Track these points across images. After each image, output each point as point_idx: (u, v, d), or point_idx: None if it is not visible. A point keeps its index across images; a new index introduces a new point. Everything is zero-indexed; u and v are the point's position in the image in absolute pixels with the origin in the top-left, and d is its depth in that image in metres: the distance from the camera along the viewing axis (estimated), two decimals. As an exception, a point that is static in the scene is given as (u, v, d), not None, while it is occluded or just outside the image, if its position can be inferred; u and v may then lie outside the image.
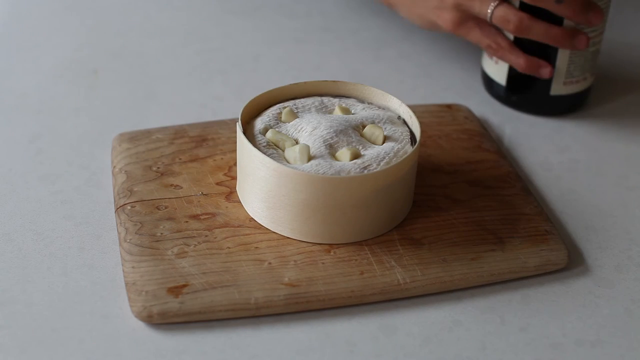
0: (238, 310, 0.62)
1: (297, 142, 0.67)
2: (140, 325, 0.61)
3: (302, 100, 0.71)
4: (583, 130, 0.82)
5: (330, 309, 0.63)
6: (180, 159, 0.73)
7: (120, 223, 0.67)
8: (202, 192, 0.70)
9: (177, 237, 0.66)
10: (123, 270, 0.64)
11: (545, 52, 0.79)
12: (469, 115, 0.81)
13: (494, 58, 0.82)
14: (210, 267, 0.63)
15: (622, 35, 0.97)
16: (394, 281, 0.64)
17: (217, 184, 0.71)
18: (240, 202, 0.69)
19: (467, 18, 0.78)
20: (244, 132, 0.67)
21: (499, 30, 0.79)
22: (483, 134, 0.79)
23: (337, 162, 0.65)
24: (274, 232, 0.67)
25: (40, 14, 0.96)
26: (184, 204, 0.69)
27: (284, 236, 0.66)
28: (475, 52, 0.93)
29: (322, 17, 0.97)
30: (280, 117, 0.70)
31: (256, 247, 0.65)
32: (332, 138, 0.67)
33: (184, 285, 0.62)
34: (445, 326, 0.63)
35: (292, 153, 0.66)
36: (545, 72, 0.78)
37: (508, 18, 0.75)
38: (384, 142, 0.68)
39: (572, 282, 0.66)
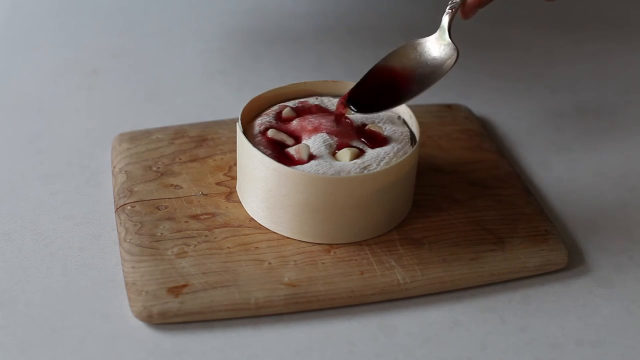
0: (238, 310, 0.62)
1: (297, 142, 0.67)
2: (140, 325, 0.61)
3: (302, 100, 0.71)
4: (583, 130, 0.82)
5: (330, 309, 0.63)
6: (180, 159, 0.73)
7: (120, 223, 0.67)
8: (202, 192, 0.70)
9: (177, 237, 0.66)
10: (123, 270, 0.64)
11: None
12: (469, 115, 0.81)
13: None
14: (210, 267, 0.63)
15: (621, 36, 0.97)
16: (394, 281, 0.64)
17: (217, 184, 0.71)
18: (240, 202, 0.69)
19: None
20: (244, 132, 0.67)
21: None
22: (483, 134, 0.79)
23: (337, 162, 0.65)
24: (274, 232, 0.66)
25: (40, 14, 0.96)
26: (184, 204, 0.69)
27: (284, 236, 0.66)
28: (475, 52, 0.93)
29: (322, 17, 0.97)
30: (281, 117, 0.70)
31: (256, 247, 0.65)
32: (332, 138, 0.67)
33: (184, 285, 0.62)
34: (445, 326, 0.63)
35: (292, 153, 0.66)
36: None
37: None
38: (384, 142, 0.68)
39: (572, 282, 0.66)
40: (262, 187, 0.65)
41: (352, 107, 0.67)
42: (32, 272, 0.65)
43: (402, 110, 0.71)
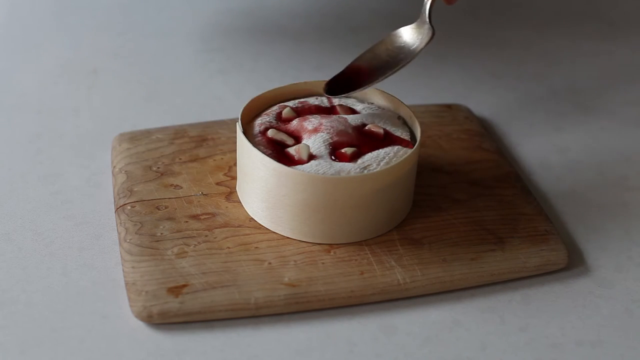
0: (238, 310, 0.62)
1: (297, 142, 0.67)
2: (140, 325, 0.61)
3: (302, 100, 0.71)
4: (583, 130, 0.82)
5: (330, 309, 0.63)
6: (180, 159, 0.73)
7: (120, 223, 0.67)
8: (202, 192, 0.70)
9: (177, 237, 0.66)
10: (123, 270, 0.64)
11: None
12: (469, 115, 0.81)
13: None
14: (210, 267, 0.63)
15: (621, 36, 0.97)
16: (394, 281, 0.64)
17: (217, 184, 0.71)
18: (240, 202, 0.69)
19: None
20: (244, 132, 0.67)
21: None
22: (483, 134, 0.79)
23: (337, 162, 0.65)
24: (274, 232, 0.67)
25: (40, 14, 0.96)
26: (184, 204, 0.69)
27: (284, 236, 0.66)
28: (475, 52, 0.93)
29: (322, 17, 0.97)
30: (281, 117, 0.70)
31: (256, 247, 0.65)
32: (332, 138, 0.67)
33: (184, 285, 0.62)
34: (445, 326, 0.63)
35: (292, 153, 0.66)
36: None
37: None
38: (384, 142, 0.68)
39: (572, 282, 0.66)
40: (262, 187, 0.65)
41: (326, 93, 0.69)
42: (32, 272, 0.65)
43: (402, 110, 0.71)
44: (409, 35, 0.70)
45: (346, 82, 0.69)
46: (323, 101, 0.71)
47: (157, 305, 0.61)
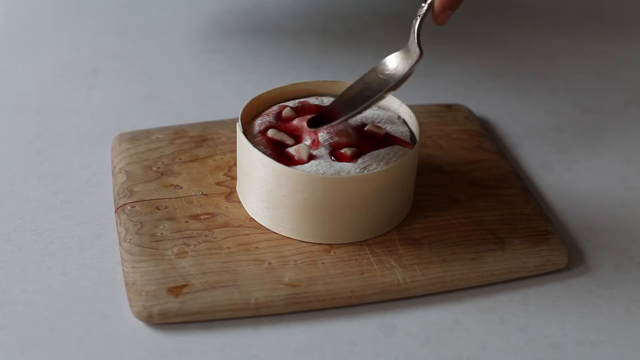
0: (238, 310, 0.62)
1: (297, 142, 0.67)
2: (140, 325, 0.61)
3: (302, 100, 0.71)
4: (583, 130, 0.82)
5: (330, 309, 0.63)
6: (180, 159, 0.73)
7: (120, 223, 0.67)
8: (202, 192, 0.70)
9: (177, 237, 0.66)
10: (123, 270, 0.64)
11: None
12: (469, 115, 0.81)
13: None
14: (210, 267, 0.63)
15: (621, 36, 0.97)
16: (394, 281, 0.64)
17: (217, 184, 0.71)
18: (240, 202, 0.69)
19: None
20: (244, 132, 0.67)
21: None
22: (483, 134, 0.79)
23: (337, 162, 0.65)
24: (274, 232, 0.67)
25: (40, 14, 0.96)
26: (184, 204, 0.69)
27: (284, 236, 0.66)
28: (476, 52, 0.93)
29: (322, 17, 0.97)
30: (281, 117, 0.70)
31: (256, 247, 0.65)
32: (332, 138, 0.67)
33: (184, 285, 0.62)
34: (445, 326, 0.63)
35: (292, 153, 0.66)
36: None
37: None
38: (384, 142, 0.68)
39: (572, 282, 0.66)
40: (262, 187, 0.65)
41: (311, 125, 0.66)
42: (32, 272, 0.65)
43: (402, 110, 0.71)
44: (399, 61, 0.69)
45: (333, 116, 0.67)
46: (323, 101, 0.71)
47: (157, 305, 0.61)
